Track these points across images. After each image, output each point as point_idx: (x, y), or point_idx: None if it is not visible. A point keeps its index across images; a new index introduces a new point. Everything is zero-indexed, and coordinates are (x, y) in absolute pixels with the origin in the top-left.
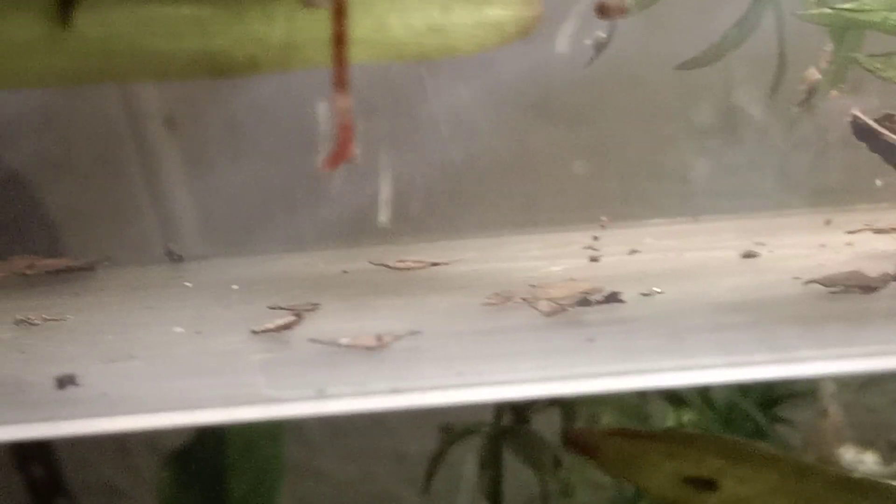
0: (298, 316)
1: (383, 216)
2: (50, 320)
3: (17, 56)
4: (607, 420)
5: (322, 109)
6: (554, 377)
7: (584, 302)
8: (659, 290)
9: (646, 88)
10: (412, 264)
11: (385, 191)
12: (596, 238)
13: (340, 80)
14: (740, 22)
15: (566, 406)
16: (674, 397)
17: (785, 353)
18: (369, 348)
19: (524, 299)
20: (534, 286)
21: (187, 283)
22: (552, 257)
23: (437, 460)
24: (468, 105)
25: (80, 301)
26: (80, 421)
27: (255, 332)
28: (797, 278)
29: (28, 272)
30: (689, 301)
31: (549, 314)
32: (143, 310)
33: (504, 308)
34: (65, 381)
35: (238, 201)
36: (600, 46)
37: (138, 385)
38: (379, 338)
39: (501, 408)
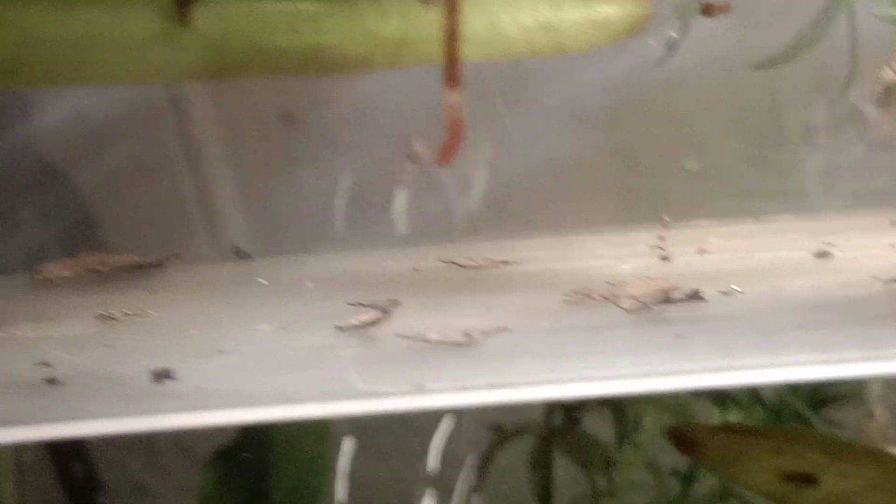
0: (384, 312)
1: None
2: (132, 315)
3: (135, 52)
4: (649, 420)
5: (419, 107)
6: (653, 373)
7: (667, 300)
8: (738, 288)
9: (713, 89)
10: (482, 262)
11: (450, 190)
12: (662, 237)
13: (452, 76)
14: (816, 22)
15: (617, 405)
16: (720, 396)
17: (879, 351)
18: (459, 344)
19: (605, 297)
20: (612, 284)
21: (261, 280)
22: (620, 256)
23: (486, 460)
24: (529, 106)
25: (156, 297)
26: (186, 414)
27: (340, 329)
28: (875, 277)
29: (99, 269)
30: (770, 300)
31: (632, 311)
32: (222, 306)
33: (585, 305)
34: (160, 375)
35: (301, 199)
36: (672, 46)
37: (232, 380)
38: (468, 334)
39: (552, 407)
